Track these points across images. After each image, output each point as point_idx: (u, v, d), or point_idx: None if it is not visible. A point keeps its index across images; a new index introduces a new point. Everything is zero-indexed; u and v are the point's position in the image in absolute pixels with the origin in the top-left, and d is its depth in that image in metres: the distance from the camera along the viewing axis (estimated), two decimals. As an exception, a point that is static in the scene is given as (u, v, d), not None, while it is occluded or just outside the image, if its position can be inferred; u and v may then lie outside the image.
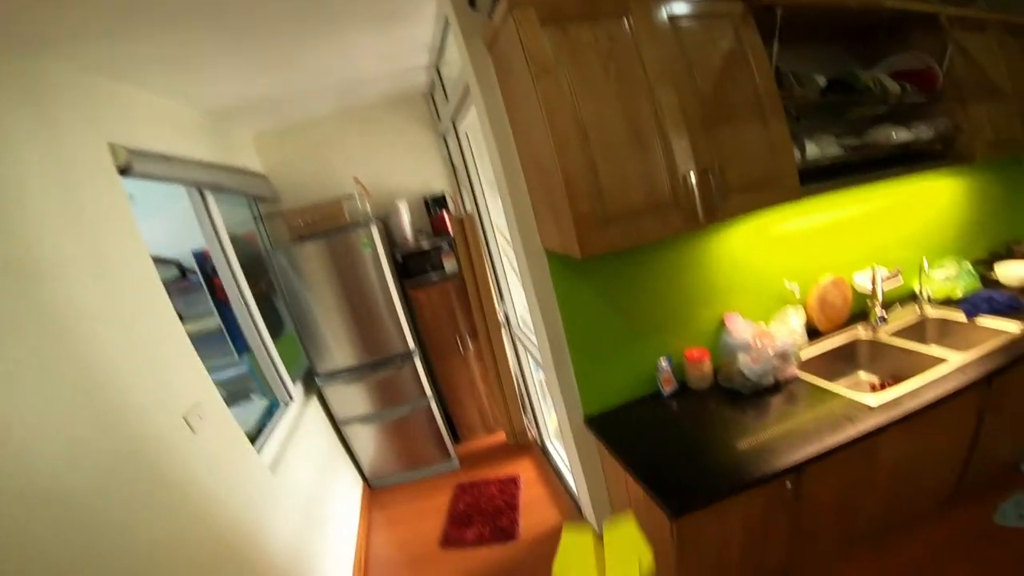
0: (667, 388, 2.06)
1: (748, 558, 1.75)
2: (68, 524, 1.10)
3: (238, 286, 2.70)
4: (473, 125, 2.76)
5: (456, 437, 3.87)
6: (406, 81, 3.25)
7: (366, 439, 3.44)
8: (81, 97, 1.73)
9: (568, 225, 1.53)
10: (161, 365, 1.69)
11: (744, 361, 1.93)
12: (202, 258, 2.88)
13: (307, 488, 2.60)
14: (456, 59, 2.32)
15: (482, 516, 2.99)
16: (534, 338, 2.46)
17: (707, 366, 2.05)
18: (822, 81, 1.99)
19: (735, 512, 1.58)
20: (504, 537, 2.78)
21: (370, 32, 2.28)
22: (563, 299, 1.95)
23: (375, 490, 3.57)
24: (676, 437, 1.80)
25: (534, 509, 2.98)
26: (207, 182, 2.44)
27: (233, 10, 1.70)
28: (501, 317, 3.36)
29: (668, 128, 1.54)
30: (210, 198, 2.58)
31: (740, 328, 2.04)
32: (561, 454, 3.22)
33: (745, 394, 1.93)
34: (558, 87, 1.44)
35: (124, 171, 1.79)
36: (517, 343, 3.25)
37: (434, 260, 3.46)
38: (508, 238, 2.56)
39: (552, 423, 3.41)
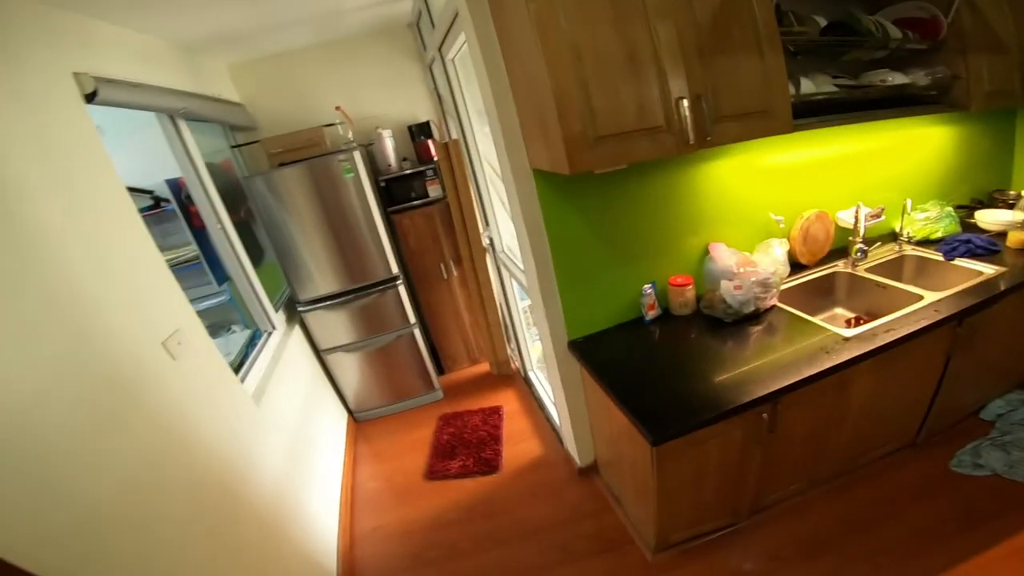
0: (650, 313, 2.11)
1: (723, 488, 1.85)
2: (40, 455, 1.10)
3: (216, 214, 2.63)
4: (462, 53, 2.68)
5: (440, 368, 3.92)
6: (389, 11, 3.10)
7: (350, 369, 3.48)
8: (44, 29, 1.65)
9: (558, 143, 1.52)
10: (138, 292, 1.65)
11: (727, 288, 1.97)
12: (176, 187, 2.79)
13: (292, 419, 2.63)
14: None
15: (466, 447, 3.06)
16: (519, 262, 2.47)
17: (690, 293, 2.09)
18: (822, 22, 1.96)
19: (713, 441, 1.65)
20: (487, 469, 2.86)
21: None
22: (550, 220, 1.95)
23: (360, 423, 3.64)
24: (658, 363, 1.85)
25: (517, 440, 3.06)
26: (179, 109, 2.33)
27: None
28: (485, 242, 3.35)
29: (663, 55, 1.51)
30: (183, 126, 2.46)
31: (724, 256, 2.07)
32: (544, 385, 3.30)
33: (726, 322, 1.98)
34: (552, 10, 1.42)
35: (90, 98, 1.70)
36: (502, 269, 3.25)
37: (418, 186, 3.39)
38: (496, 164, 2.51)
39: (535, 352, 3.47)
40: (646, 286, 2.09)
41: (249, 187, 2.95)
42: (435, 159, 3.39)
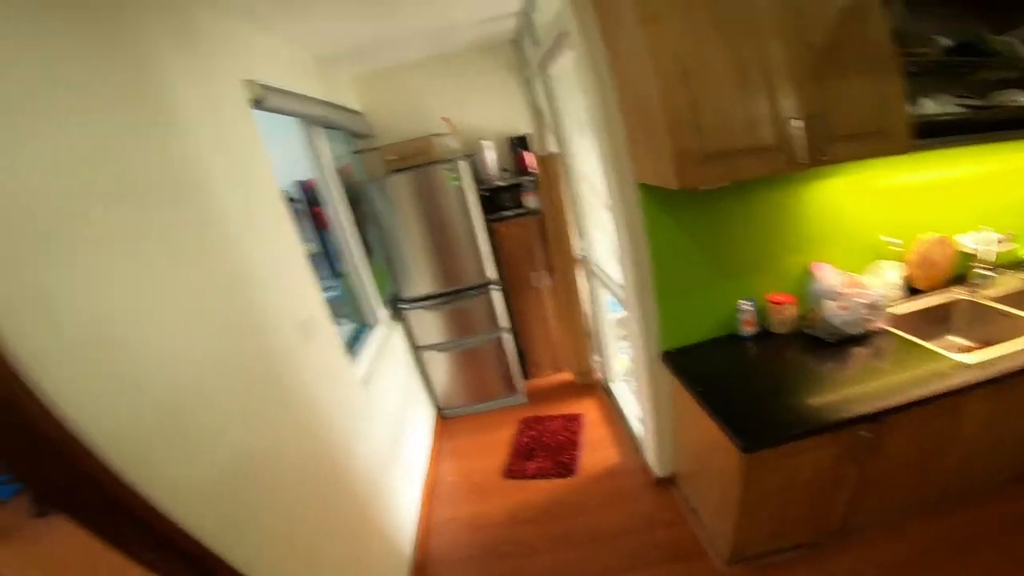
0: (748, 330, 2.11)
1: (811, 505, 1.81)
2: (209, 409, 1.31)
3: (340, 214, 2.91)
4: (565, 69, 2.79)
5: (524, 373, 4.05)
6: (494, 28, 3.31)
7: (441, 367, 3.68)
8: (221, 39, 1.91)
9: (666, 159, 1.59)
10: (288, 278, 1.90)
11: (831, 308, 1.94)
12: (304, 188, 3.12)
13: (391, 408, 2.85)
14: (549, 6, 2.39)
15: (544, 450, 3.16)
16: (614, 275, 2.54)
17: (790, 311, 2.07)
18: (946, 42, 1.90)
19: (807, 455, 1.64)
20: (563, 472, 2.94)
21: None
22: (651, 232, 2.02)
23: (446, 419, 3.84)
24: (753, 378, 1.85)
25: (594, 448, 3.12)
26: (319, 117, 2.62)
27: None
28: (578, 254, 3.44)
29: (775, 75, 1.55)
30: (318, 132, 2.76)
31: (829, 276, 2.04)
32: (626, 396, 3.33)
33: (829, 342, 1.95)
34: (665, 32, 1.50)
35: (256, 104, 1.97)
36: (593, 281, 3.33)
37: (516, 197, 3.56)
38: (595, 178, 2.61)
39: (620, 364, 3.51)
40: (744, 302, 2.09)
41: (366, 191, 3.24)
42: (533, 171, 3.54)
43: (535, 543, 2.50)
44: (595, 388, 3.76)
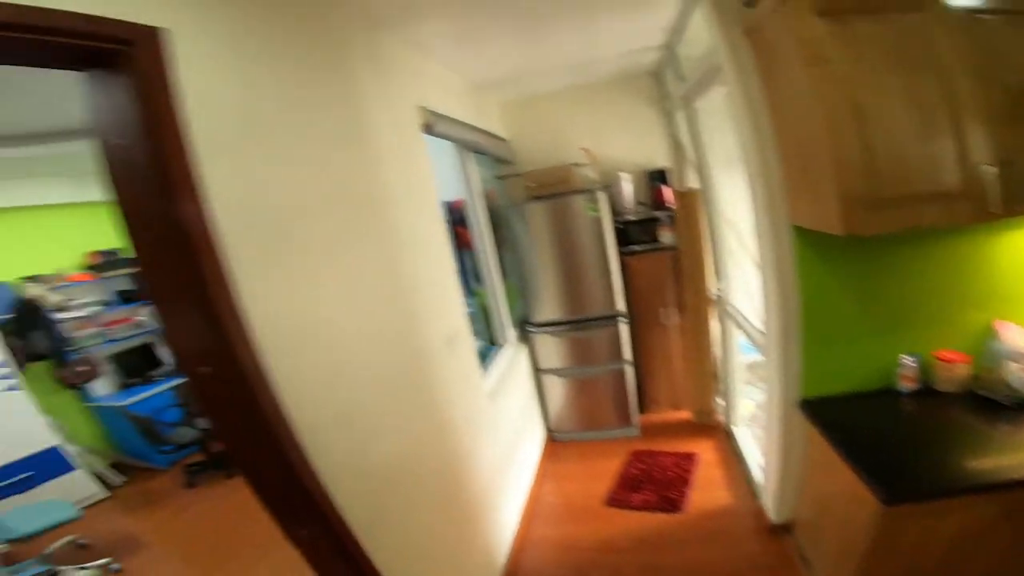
0: (907, 385, 1.93)
1: (942, 571, 1.59)
2: (374, 410, 1.48)
3: (484, 236, 3.11)
4: (713, 104, 2.75)
5: (641, 407, 3.97)
6: (635, 60, 3.38)
7: (558, 391, 3.74)
8: (401, 66, 2.16)
9: (830, 202, 1.52)
10: (439, 291, 2.09)
11: (1014, 370, 1.73)
12: (450, 208, 3.37)
13: (510, 423, 2.96)
14: (697, 40, 2.41)
15: (652, 484, 3.09)
16: (752, 317, 2.44)
17: (961, 369, 1.86)
18: None
19: (953, 516, 1.46)
20: (670, 507, 2.85)
21: (615, 16, 2.46)
22: (803, 276, 1.93)
23: (555, 442, 3.87)
24: (906, 433, 1.70)
25: (706, 487, 3.00)
26: (472, 142, 2.85)
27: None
28: (713, 294, 3.34)
29: (963, 117, 1.44)
30: (470, 156, 2.99)
31: (1015, 336, 1.82)
32: (747, 441, 3.16)
33: (1005, 404, 1.73)
34: (832, 74, 1.46)
35: (427, 129, 2.20)
36: (727, 322, 3.21)
37: (651, 231, 3.55)
38: (741, 215, 2.54)
39: (745, 408, 3.34)
40: (907, 357, 1.91)
41: (506, 215, 3.42)
42: (670, 206, 3.51)
43: (624, 570, 2.46)
44: (714, 430, 3.60)
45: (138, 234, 0.95)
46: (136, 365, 4.85)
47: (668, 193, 3.59)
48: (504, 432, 2.79)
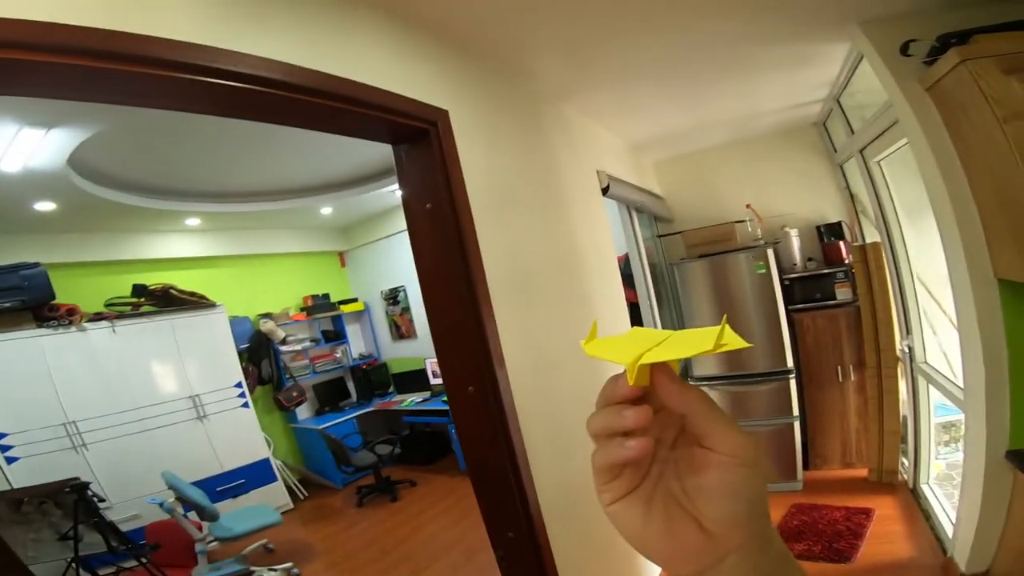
0: None
1: None
2: (571, 435, 1.66)
3: (648, 292, 3.27)
4: (893, 156, 2.70)
5: (806, 463, 3.73)
6: (797, 113, 3.39)
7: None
8: (580, 134, 2.47)
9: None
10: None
11: None
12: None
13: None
14: (865, 92, 2.47)
15: (816, 535, 2.93)
16: (950, 373, 2.28)
17: None
18: None
19: None
20: (836, 557, 2.68)
21: (778, 74, 2.57)
22: (1011, 329, 1.83)
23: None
24: None
25: (881, 540, 2.79)
26: (637, 201, 3.06)
27: (674, 69, 2.23)
28: (901, 351, 3.12)
29: None
30: (633, 215, 3.21)
31: None
32: (936, 498, 2.85)
33: None
34: None
35: (605, 191, 2.47)
36: (919, 379, 2.98)
37: (824, 287, 3.43)
38: (934, 266, 2.42)
39: (934, 468, 3.02)
40: None
41: (664, 272, 3.55)
42: (847, 261, 3.38)
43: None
44: (895, 488, 3.28)
45: (430, 279, 1.28)
46: (330, 395, 5.64)
47: (841, 248, 3.46)
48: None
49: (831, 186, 3.72)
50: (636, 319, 3.36)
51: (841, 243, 3.49)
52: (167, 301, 4.32)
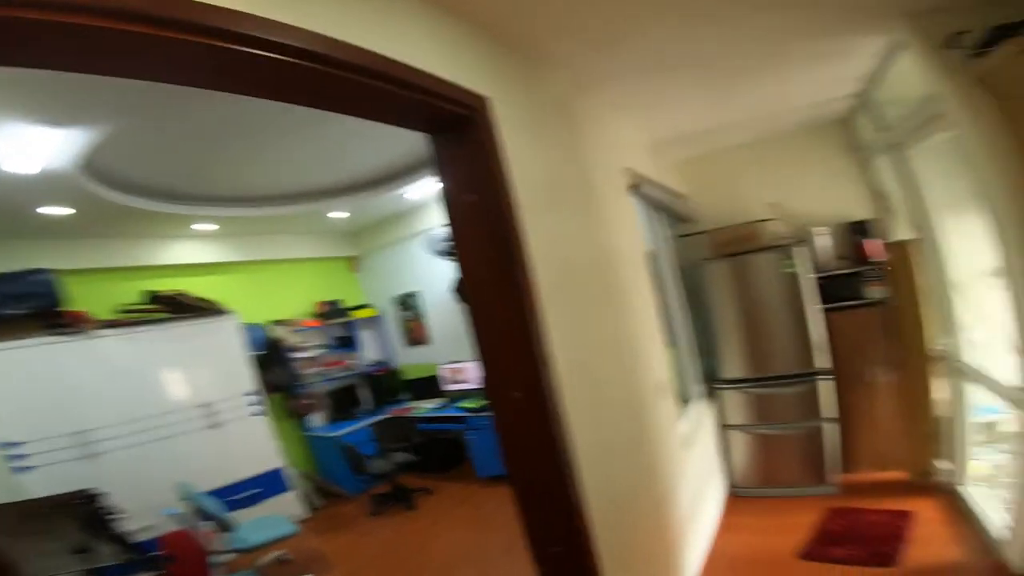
0: None
1: None
2: (612, 442, 1.58)
3: (673, 291, 3.17)
4: (935, 148, 2.60)
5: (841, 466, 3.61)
6: (823, 110, 3.31)
7: (742, 447, 3.56)
8: (604, 128, 2.38)
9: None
10: (649, 342, 2.20)
11: None
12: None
13: (696, 473, 2.90)
14: (903, 86, 2.40)
15: (857, 539, 2.84)
16: (995, 372, 2.18)
17: None
18: None
19: None
20: (881, 561, 2.58)
21: (810, 68, 2.49)
22: None
23: (737, 497, 3.63)
24: None
25: (926, 543, 2.69)
26: (662, 201, 2.97)
27: (710, 62, 2.15)
28: (939, 351, 3.01)
29: None
30: (658, 214, 3.12)
31: None
32: (983, 499, 2.74)
33: None
34: None
35: (633, 189, 2.38)
36: (960, 379, 2.86)
37: (854, 286, 3.33)
38: (979, 262, 2.33)
39: (979, 468, 2.90)
40: None
41: (687, 273, 3.45)
42: (877, 259, 3.27)
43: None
44: (935, 490, 3.17)
45: (473, 276, 1.19)
46: (343, 402, 5.55)
47: (873, 246, 3.36)
48: (691, 480, 2.75)
49: (857, 183, 3.62)
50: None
51: (875, 241, 3.38)
52: (178, 308, 4.25)
